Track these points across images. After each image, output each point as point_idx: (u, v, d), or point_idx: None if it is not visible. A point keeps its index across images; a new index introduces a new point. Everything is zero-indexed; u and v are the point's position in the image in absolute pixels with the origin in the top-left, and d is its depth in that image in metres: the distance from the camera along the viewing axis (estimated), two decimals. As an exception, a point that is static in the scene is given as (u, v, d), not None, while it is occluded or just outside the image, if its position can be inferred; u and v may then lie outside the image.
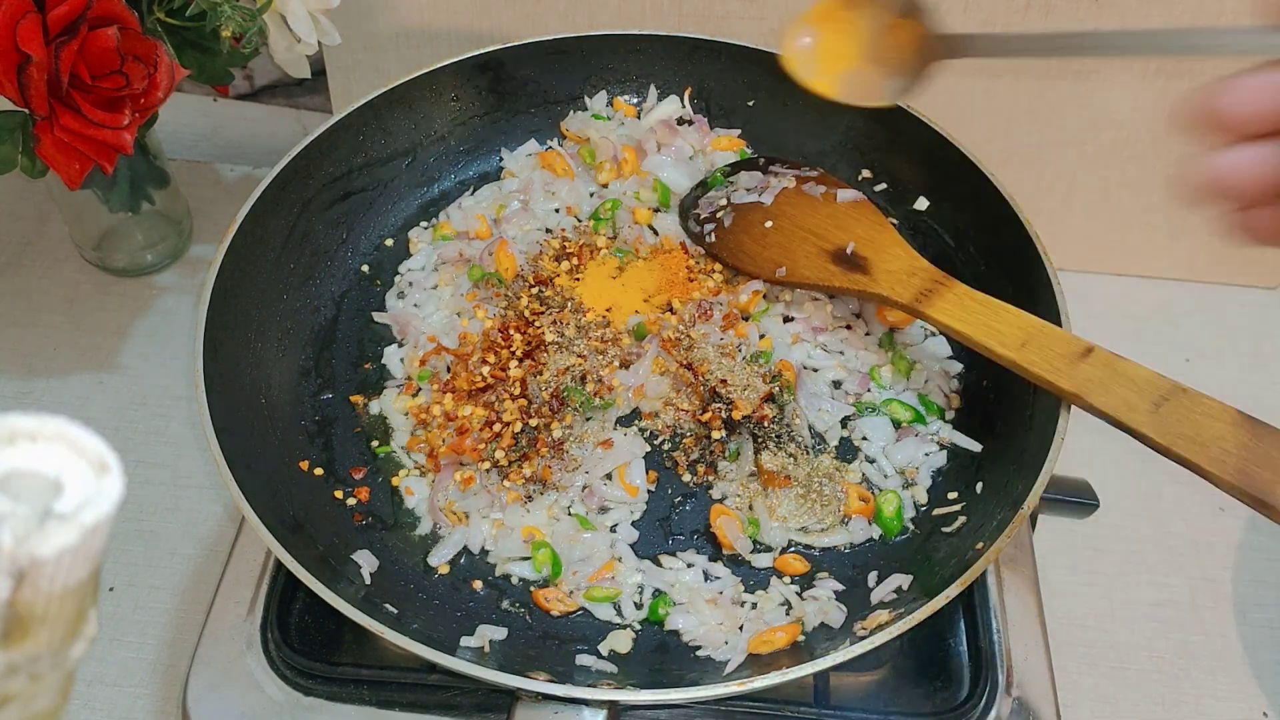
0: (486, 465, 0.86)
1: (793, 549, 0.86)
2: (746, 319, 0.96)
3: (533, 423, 0.87)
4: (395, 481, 0.89)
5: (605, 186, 1.06)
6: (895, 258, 0.89)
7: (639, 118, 1.09)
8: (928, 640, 0.84)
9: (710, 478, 0.88)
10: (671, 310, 0.95)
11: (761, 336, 0.95)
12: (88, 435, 0.32)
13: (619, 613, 0.82)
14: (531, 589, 0.83)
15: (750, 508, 0.86)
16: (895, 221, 1.04)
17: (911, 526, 0.87)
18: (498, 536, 0.85)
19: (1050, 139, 1.14)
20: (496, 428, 0.87)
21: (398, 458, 0.90)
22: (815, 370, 0.95)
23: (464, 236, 1.03)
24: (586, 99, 1.10)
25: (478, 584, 0.84)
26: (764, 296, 0.97)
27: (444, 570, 0.84)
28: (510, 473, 0.86)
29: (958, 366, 0.95)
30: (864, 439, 0.91)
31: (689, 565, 0.84)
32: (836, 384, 0.95)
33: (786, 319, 0.97)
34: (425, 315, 0.98)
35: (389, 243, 1.04)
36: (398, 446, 0.91)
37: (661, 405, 0.91)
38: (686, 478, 0.89)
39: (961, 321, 0.82)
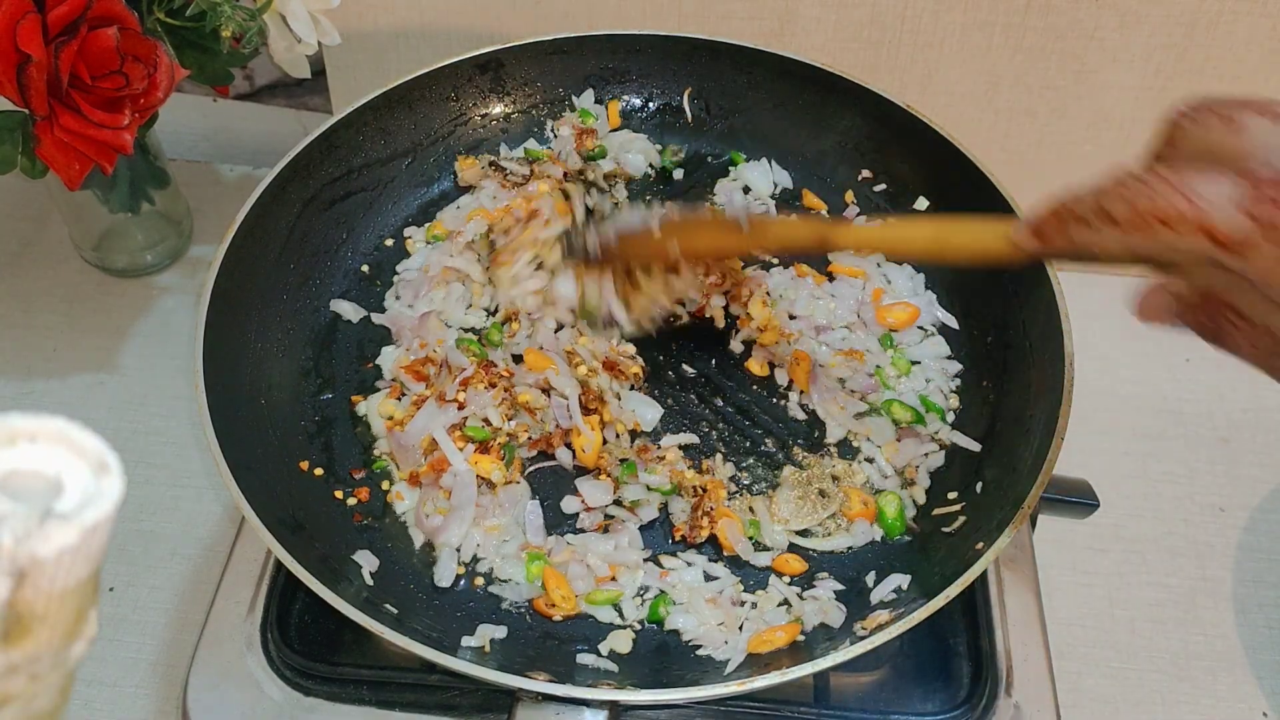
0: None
1: (792, 550, 0.86)
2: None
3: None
4: (390, 498, 0.88)
5: None
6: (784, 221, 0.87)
7: (622, 123, 1.10)
8: (928, 640, 0.84)
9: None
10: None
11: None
12: (88, 435, 0.32)
13: (619, 613, 0.82)
14: (532, 597, 0.83)
15: (750, 509, 0.86)
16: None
17: (914, 526, 0.87)
18: (496, 547, 0.85)
19: (1050, 139, 1.14)
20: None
21: (386, 466, 0.90)
22: (821, 366, 0.95)
23: (455, 236, 1.02)
24: (574, 98, 1.10)
25: (479, 581, 0.84)
26: (768, 294, 0.97)
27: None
28: (498, 487, 0.86)
29: (957, 366, 0.95)
30: (864, 439, 0.91)
31: (689, 565, 0.84)
32: (841, 381, 0.95)
33: (791, 317, 0.98)
34: (419, 316, 0.98)
35: (389, 243, 1.04)
36: (381, 453, 0.90)
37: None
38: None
39: (873, 240, 0.77)
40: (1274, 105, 0.52)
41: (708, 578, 0.84)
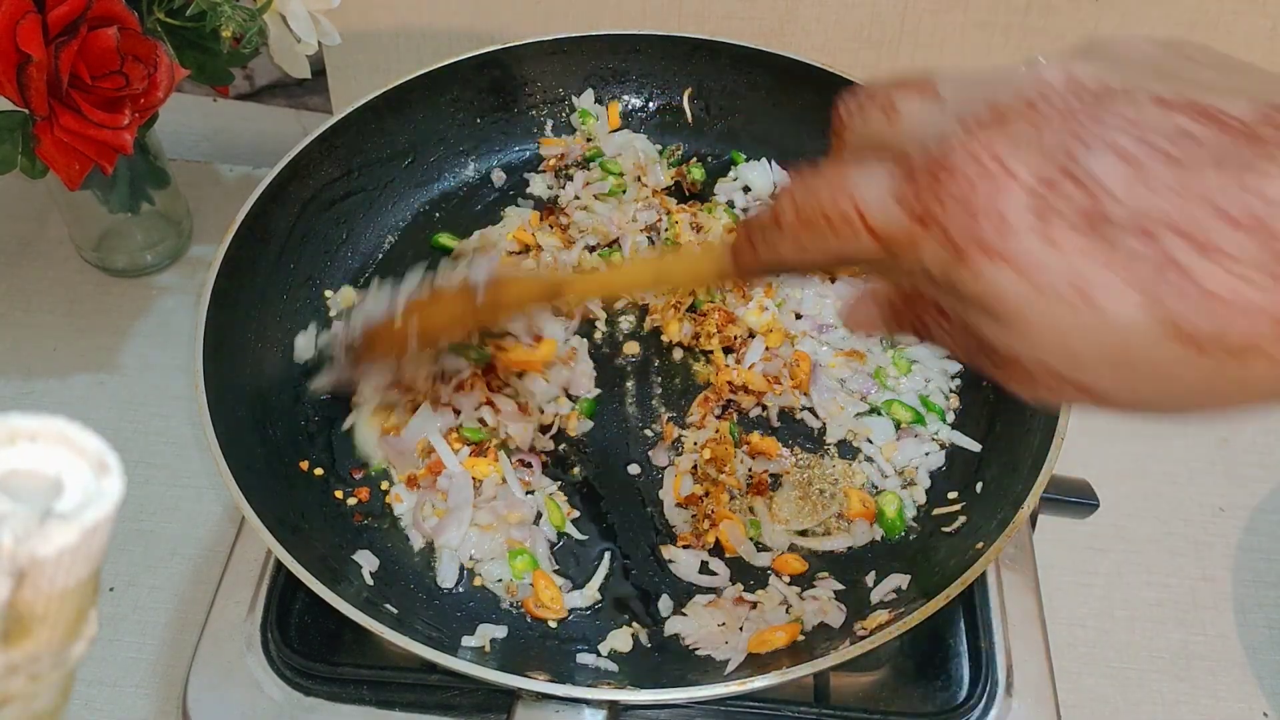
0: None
1: (792, 550, 0.86)
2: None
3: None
4: (389, 500, 0.88)
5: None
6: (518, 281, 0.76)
7: (622, 123, 1.10)
8: (928, 640, 0.84)
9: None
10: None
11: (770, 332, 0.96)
12: (88, 435, 0.32)
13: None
14: (524, 598, 0.83)
15: (751, 510, 0.86)
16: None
17: (914, 526, 0.87)
18: (493, 548, 0.85)
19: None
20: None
21: (385, 467, 0.90)
22: (821, 366, 0.95)
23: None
24: (574, 98, 1.10)
25: (479, 581, 0.84)
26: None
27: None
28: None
29: (957, 366, 0.95)
30: (864, 439, 0.91)
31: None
32: (841, 382, 0.95)
33: (797, 315, 0.98)
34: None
35: (389, 242, 1.04)
36: (376, 458, 0.90)
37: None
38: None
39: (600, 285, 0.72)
40: (931, 81, 0.45)
41: (707, 589, 0.84)
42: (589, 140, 1.09)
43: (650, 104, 1.12)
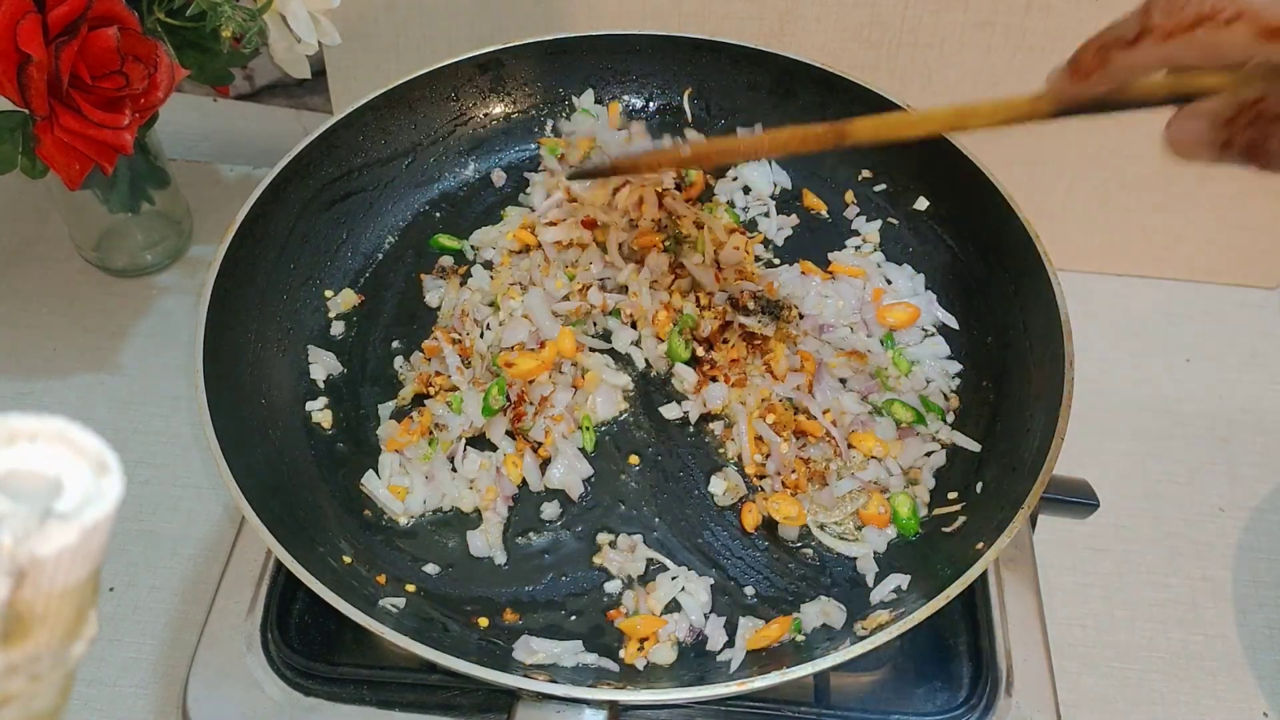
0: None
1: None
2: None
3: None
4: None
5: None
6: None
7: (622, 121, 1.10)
8: (928, 640, 0.84)
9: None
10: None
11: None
12: (88, 435, 0.32)
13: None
14: None
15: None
16: (895, 221, 1.05)
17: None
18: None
19: (1050, 139, 1.14)
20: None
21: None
22: (821, 363, 0.95)
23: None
24: (574, 98, 1.10)
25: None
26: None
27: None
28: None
29: (957, 366, 0.95)
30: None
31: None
32: (843, 382, 0.95)
33: (800, 316, 0.98)
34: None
35: (389, 242, 1.04)
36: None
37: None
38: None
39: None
40: None
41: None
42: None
43: (650, 104, 1.12)
